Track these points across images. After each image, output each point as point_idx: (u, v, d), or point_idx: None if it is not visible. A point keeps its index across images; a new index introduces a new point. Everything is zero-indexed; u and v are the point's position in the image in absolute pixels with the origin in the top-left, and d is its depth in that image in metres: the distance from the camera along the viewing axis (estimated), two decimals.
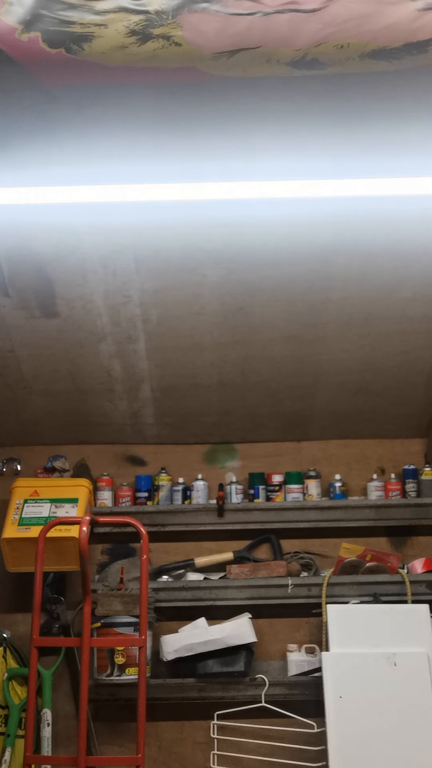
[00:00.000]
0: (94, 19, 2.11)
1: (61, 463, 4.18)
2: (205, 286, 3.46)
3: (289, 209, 3.05)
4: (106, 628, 3.76)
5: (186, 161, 2.78)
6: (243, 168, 2.81)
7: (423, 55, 2.22)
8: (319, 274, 3.40)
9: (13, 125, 2.66)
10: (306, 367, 3.89)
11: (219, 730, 3.83)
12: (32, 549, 3.53)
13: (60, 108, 2.58)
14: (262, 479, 4.22)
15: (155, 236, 3.21)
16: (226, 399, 4.08)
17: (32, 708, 3.35)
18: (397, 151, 2.76)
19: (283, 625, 4.05)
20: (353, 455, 4.32)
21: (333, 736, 3.42)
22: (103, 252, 3.29)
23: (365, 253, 3.30)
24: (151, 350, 3.78)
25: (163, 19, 2.11)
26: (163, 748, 3.96)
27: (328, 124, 2.68)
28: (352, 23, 2.12)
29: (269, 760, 3.80)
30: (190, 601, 3.95)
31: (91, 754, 3.71)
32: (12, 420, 4.17)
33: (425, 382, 4.01)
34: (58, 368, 3.87)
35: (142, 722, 3.25)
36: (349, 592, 3.89)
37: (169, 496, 4.18)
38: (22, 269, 3.37)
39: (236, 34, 2.14)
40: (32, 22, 2.12)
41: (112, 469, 4.28)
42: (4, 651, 3.86)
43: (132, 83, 2.41)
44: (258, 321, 3.64)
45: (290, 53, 2.21)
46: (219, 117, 2.64)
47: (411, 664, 3.54)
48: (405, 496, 4.16)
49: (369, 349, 3.80)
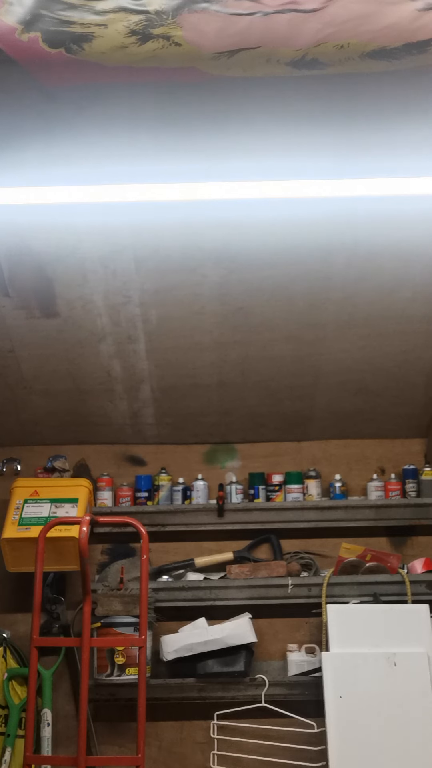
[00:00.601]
0: (94, 19, 2.11)
1: (61, 463, 4.18)
2: (205, 286, 3.46)
3: (289, 209, 3.05)
4: (106, 628, 3.77)
5: (186, 161, 2.78)
6: (243, 168, 2.80)
7: (423, 55, 2.22)
8: (319, 274, 3.40)
9: (13, 125, 2.66)
10: (306, 367, 3.89)
11: (219, 730, 3.83)
12: (32, 549, 3.53)
13: (60, 108, 2.58)
14: (262, 479, 4.22)
15: (155, 236, 3.21)
16: (226, 399, 4.08)
17: (32, 708, 3.35)
18: (397, 151, 2.76)
19: (283, 625, 4.05)
20: (353, 455, 4.32)
21: (333, 736, 3.42)
22: (103, 252, 3.30)
23: (365, 253, 3.30)
24: (151, 350, 3.78)
25: (163, 19, 2.11)
26: (163, 748, 3.96)
27: (328, 124, 2.68)
28: (352, 23, 2.12)
29: (269, 760, 3.80)
30: (190, 601, 3.95)
31: (91, 754, 3.71)
32: (12, 420, 4.17)
33: (425, 382, 4.01)
34: (58, 368, 3.87)
35: (142, 722, 3.25)
36: (349, 592, 3.89)
37: (169, 496, 4.18)
38: (22, 269, 3.37)
39: (236, 34, 2.15)
40: (32, 22, 2.13)
41: (112, 469, 4.28)
42: (4, 651, 3.86)
43: (132, 83, 2.41)
44: (258, 321, 3.64)
45: (290, 53, 2.21)
46: (219, 117, 2.64)
47: (411, 664, 3.54)
48: (405, 496, 4.16)
49: (369, 349, 3.80)
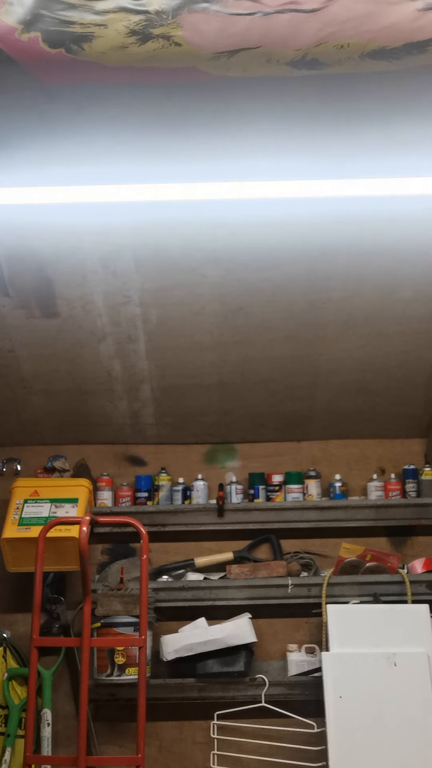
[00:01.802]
0: (94, 19, 2.11)
1: (61, 463, 4.18)
2: (205, 286, 3.46)
3: (289, 209, 3.05)
4: (106, 628, 3.77)
5: (186, 161, 2.78)
6: (243, 168, 2.80)
7: (423, 55, 2.22)
8: (319, 274, 3.40)
9: (13, 125, 2.66)
10: (306, 367, 3.89)
11: (219, 730, 3.83)
12: (32, 549, 3.53)
13: (60, 108, 2.58)
14: (262, 479, 4.22)
15: (155, 236, 3.21)
16: (226, 399, 4.08)
17: (32, 708, 3.35)
18: (397, 151, 2.76)
19: (283, 625, 4.05)
20: (353, 455, 4.32)
21: (333, 736, 3.42)
22: (103, 252, 3.29)
23: (365, 252, 3.30)
24: (151, 350, 3.78)
25: (163, 19, 2.11)
26: (163, 748, 3.96)
27: (328, 123, 2.68)
28: (352, 23, 2.12)
29: (269, 760, 3.80)
30: (190, 601, 3.95)
31: (91, 754, 3.71)
32: (12, 420, 4.17)
33: (425, 382, 4.01)
34: (58, 368, 3.87)
35: (142, 722, 3.25)
36: (349, 592, 3.89)
37: (169, 496, 4.18)
38: (22, 269, 3.37)
39: (236, 34, 2.14)
40: (32, 22, 2.12)
41: (112, 469, 4.28)
42: (4, 651, 3.86)
43: (132, 83, 2.41)
44: (258, 321, 3.64)
45: (290, 53, 2.21)
46: (219, 117, 2.64)
47: (411, 664, 3.54)
48: (405, 496, 4.16)
49: (369, 349, 3.80)
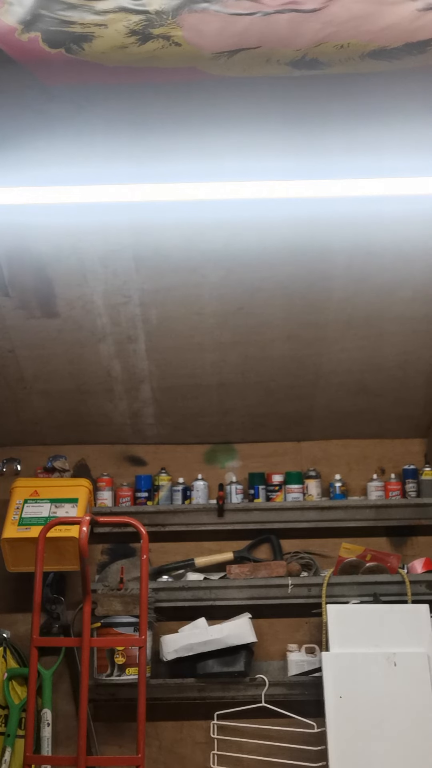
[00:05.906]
0: (94, 19, 2.11)
1: (61, 463, 4.18)
2: (205, 286, 3.46)
3: (289, 209, 3.05)
4: (106, 628, 3.77)
5: (186, 161, 2.78)
6: (243, 168, 2.80)
7: (423, 55, 2.22)
8: (320, 274, 3.40)
9: (13, 125, 2.66)
10: (306, 367, 3.89)
11: (219, 730, 3.83)
12: (32, 549, 3.53)
13: (60, 108, 2.58)
14: (262, 479, 4.22)
15: (155, 236, 3.21)
16: (226, 399, 4.08)
17: (32, 708, 3.35)
18: (398, 151, 2.76)
19: (283, 625, 4.05)
20: (353, 455, 4.32)
21: (333, 736, 3.42)
22: (103, 252, 3.29)
23: (365, 252, 3.30)
24: (151, 350, 3.78)
25: (163, 19, 2.11)
26: (163, 748, 3.96)
27: (327, 123, 2.68)
28: (352, 23, 2.12)
29: (269, 760, 3.80)
30: (190, 601, 3.94)
31: (91, 754, 3.70)
32: (12, 420, 4.17)
33: (425, 382, 4.01)
34: (58, 368, 3.87)
35: (142, 722, 3.25)
36: (349, 592, 3.88)
37: (169, 496, 4.18)
38: (22, 269, 3.37)
39: (236, 34, 2.14)
40: (32, 22, 2.12)
41: (112, 469, 4.28)
42: (4, 651, 3.86)
43: (132, 83, 2.41)
44: (258, 321, 3.64)
45: (290, 53, 2.21)
46: (219, 117, 2.64)
47: (411, 664, 3.54)
48: (405, 496, 4.16)
49: (369, 349, 3.80)
